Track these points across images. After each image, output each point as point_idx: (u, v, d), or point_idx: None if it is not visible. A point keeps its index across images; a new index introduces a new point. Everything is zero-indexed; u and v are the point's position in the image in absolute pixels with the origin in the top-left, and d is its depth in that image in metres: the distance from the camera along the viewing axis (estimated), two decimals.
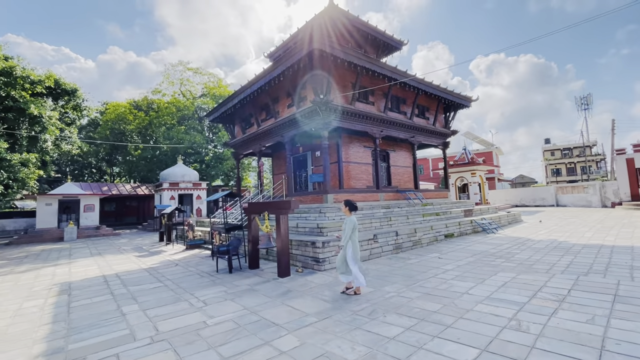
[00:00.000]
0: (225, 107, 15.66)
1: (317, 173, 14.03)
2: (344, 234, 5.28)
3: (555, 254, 7.82)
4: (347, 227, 5.29)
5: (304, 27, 14.72)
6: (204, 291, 6.04)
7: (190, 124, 30.19)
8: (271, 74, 12.00)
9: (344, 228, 5.32)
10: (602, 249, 8.06)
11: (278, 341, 3.64)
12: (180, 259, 10.05)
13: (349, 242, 5.26)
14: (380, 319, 4.14)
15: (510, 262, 7.16)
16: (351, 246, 5.26)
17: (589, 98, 66.86)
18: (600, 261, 6.78)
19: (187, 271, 8.08)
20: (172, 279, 7.23)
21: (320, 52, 10.03)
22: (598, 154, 63.83)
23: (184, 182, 25.82)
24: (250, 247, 7.92)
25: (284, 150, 16.10)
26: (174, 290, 6.26)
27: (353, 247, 5.25)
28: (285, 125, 12.88)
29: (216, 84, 32.34)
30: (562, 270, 6.19)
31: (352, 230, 5.27)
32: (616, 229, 11.60)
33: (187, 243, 12.45)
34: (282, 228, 6.82)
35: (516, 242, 9.94)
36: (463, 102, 16.74)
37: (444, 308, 4.42)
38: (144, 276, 7.76)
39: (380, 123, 13.22)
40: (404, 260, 7.92)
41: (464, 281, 5.77)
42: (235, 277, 7.06)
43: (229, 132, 17.71)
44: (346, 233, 5.25)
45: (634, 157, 20.67)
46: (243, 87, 13.76)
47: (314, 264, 7.25)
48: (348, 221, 5.32)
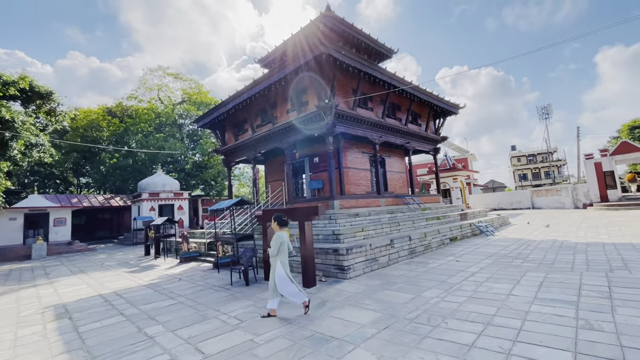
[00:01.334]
0: (216, 112, 15.10)
1: (315, 179, 13.79)
2: (272, 251, 4.83)
3: (565, 252, 8.07)
4: (274, 243, 4.82)
5: (298, 33, 14.59)
6: (229, 306, 5.56)
7: (169, 132, 28.89)
8: (271, 79, 11.71)
9: (272, 245, 4.86)
10: (606, 247, 8.44)
11: (351, 356, 3.34)
12: (180, 273, 9.34)
13: (278, 261, 4.80)
14: (443, 326, 3.96)
15: (529, 262, 7.28)
16: (281, 266, 4.78)
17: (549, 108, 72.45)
18: (613, 258, 7.06)
19: (196, 285, 7.48)
20: (185, 295, 6.64)
21: (328, 56, 9.93)
22: (559, 160, 68.52)
23: (164, 192, 24.53)
24: (266, 258, 7.48)
25: (279, 157, 15.79)
26: (194, 307, 5.72)
27: (283, 266, 4.80)
28: (284, 131, 12.58)
29: (197, 91, 31.33)
30: (585, 268, 6.36)
31: (280, 246, 4.84)
32: (603, 228, 12.30)
33: (182, 256, 11.67)
34: (307, 235, 6.50)
35: (519, 243, 10.22)
36: (451, 109, 17.30)
37: (501, 311, 4.32)
38: (148, 293, 7.08)
39: (379, 129, 13.28)
40: (423, 264, 7.84)
41: (498, 283, 5.74)
42: (255, 290, 6.60)
43: (219, 139, 17.05)
44: (272, 250, 4.81)
45: (601, 162, 22.31)
46: (239, 92, 13.35)
47: (337, 272, 6.96)
48: (276, 237, 4.86)
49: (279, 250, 4.84)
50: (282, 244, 4.87)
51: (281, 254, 4.86)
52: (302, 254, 6.55)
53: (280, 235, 4.91)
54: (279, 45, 15.81)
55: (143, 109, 28.52)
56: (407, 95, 14.10)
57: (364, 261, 7.31)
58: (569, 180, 62.48)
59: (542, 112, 74.76)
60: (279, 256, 4.83)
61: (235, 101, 13.69)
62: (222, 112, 14.74)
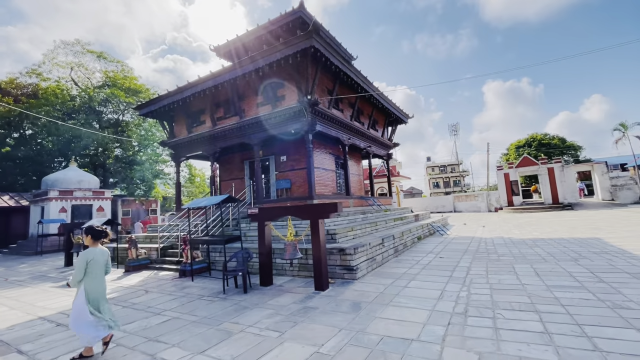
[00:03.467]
0: (167, 100, 13.26)
1: (283, 179, 13.18)
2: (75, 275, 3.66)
3: (522, 247, 9.29)
4: (78, 264, 3.68)
5: (267, 25, 13.90)
6: (247, 317, 4.79)
7: (85, 119, 24.24)
8: (245, 68, 10.80)
9: (75, 266, 3.76)
10: (548, 241, 10.01)
11: (448, 355, 3.15)
12: (139, 284, 7.77)
13: (82, 287, 3.67)
14: (500, 317, 4.07)
15: (504, 256, 8.15)
16: (83, 293, 3.64)
17: (457, 126, 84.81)
18: (565, 250, 8.38)
19: (176, 297, 6.29)
20: (172, 309, 5.50)
21: (314, 51, 9.60)
22: (465, 171, 79.81)
23: (80, 191, 20.43)
24: (263, 260, 6.74)
25: (237, 154, 14.68)
26: (200, 322, 4.76)
27: (88, 293, 3.65)
28: (254, 126, 11.72)
29: (123, 75, 27.05)
30: (553, 258, 7.38)
31: (88, 267, 3.69)
32: (528, 227, 14.63)
33: (129, 264, 9.78)
34: (320, 235, 6.06)
35: (476, 240, 11.41)
36: (403, 118, 18.59)
37: (535, 299, 4.66)
38: (116, 310, 5.66)
39: (349, 131, 13.44)
40: (412, 262, 8.08)
41: (500, 275, 6.24)
42: (261, 297, 5.86)
43: (166, 130, 14.97)
44: (76, 274, 3.65)
45: (509, 172, 26.71)
46: (202, 78, 11.97)
47: (344, 273, 6.66)
48: (83, 255, 3.71)
49: (87, 272, 3.68)
50: (90, 264, 3.70)
51: (89, 278, 3.69)
52: (314, 255, 6.07)
53: (89, 253, 3.75)
54: (241, 35, 14.80)
55: (52, 89, 23.28)
56: (373, 101, 14.62)
57: (366, 260, 7.17)
58: (472, 188, 72.97)
59: (452, 129, 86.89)
60: (84, 281, 3.68)
61: (196, 89, 12.24)
62: (175, 100, 13.01)
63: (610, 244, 8.69)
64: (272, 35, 14.30)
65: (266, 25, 14.05)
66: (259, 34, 14.42)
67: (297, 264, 7.31)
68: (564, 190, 23.90)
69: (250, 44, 14.79)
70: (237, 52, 15.37)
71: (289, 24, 13.72)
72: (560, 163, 24.31)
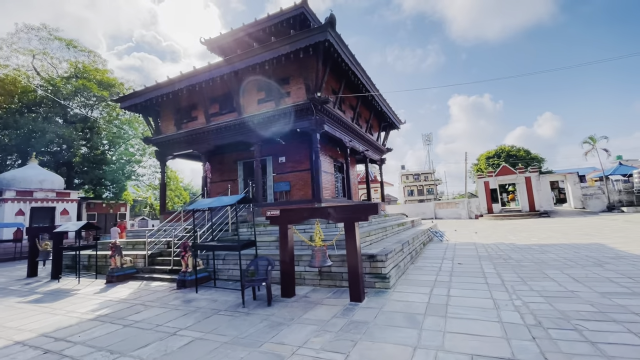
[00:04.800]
0: (154, 93, 12.11)
1: (281, 181, 12.44)
2: None
3: (533, 253, 9.26)
4: None
5: (265, 20, 13.24)
6: (289, 337, 4.07)
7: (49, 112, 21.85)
8: (248, 61, 10.06)
9: None
10: (555, 247, 10.10)
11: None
12: (131, 298, 6.69)
13: None
14: (586, 330, 3.71)
15: (524, 262, 8.00)
16: None
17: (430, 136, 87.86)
18: (586, 255, 8.40)
19: (184, 312, 5.38)
20: (189, 327, 4.63)
21: (327, 45, 9.11)
22: (438, 179, 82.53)
23: (42, 191, 18.24)
24: (285, 269, 6.01)
25: (229, 154, 13.76)
26: (234, 343, 3.97)
27: None
28: (254, 123, 10.92)
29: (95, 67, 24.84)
30: (575, 264, 7.31)
31: None
32: (520, 233, 14.94)
33: (113, 274, 8.54)
34: (356, 239, 5.47)
35: (481, 246, 11.33)
36: (396, 123, 18.57)
37: (601, 307, 4.38)
38: (118, 331, 4.68)
39: (351, 133, 13.03)
40: (433, 269, 7.70)
41: (536, 281, 5.99)
42: (289, 310, 5.13)
43: (150, 126, 13.67)
44: None
45: (488, 181, 27.66)
46: (196, 71, 11.03)
47: (375, 282, 6.10)
48: None
49: None
50: None
51: None
52: (349, 262, 5.46)
53: None
54: (236, 29, 14.03)
55: (10, 78, 20.71)
56: (374, 103, 14.36)
57: (394, 267, 6.67)
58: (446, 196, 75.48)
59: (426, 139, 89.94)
60: None
61: (189, 81, 11.27)
62: (164, 93, 11.91)
63: (617, 249, 8.87)
64: (269, 31, 13.61)
65: (264, 20, 13.39)
66: (255, 29, 13.69)
67: (319, 273, 6.65)
68: (540, 198, 25.09)
69: (245, 38, 14.01)
70: (230, 47, 14.53)
71: (289, 20, 13.13)
72: (537, 172, 25.58)
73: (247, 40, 14.07)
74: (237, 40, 14.24)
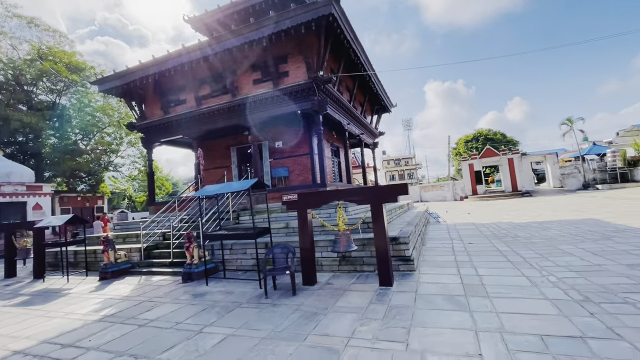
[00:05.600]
0: (136, 74, 11.12)
1: (279, 167, 11.96)
2: None
3: (536, 230, 9.43)
4: None
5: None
6: (332, 327, 3.78)
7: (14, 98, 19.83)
8: (243, 38, 9.36)
9: None
10: (555, 224, 10.35)
11: None
12: (134, 294, 6.16)
13: None
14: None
15: (534, 239, 8.09)
16: None
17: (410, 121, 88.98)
18: (588, 230, 8.61)
19: (203, 306, 4.95)
20: (213, 323, 4.23)
21: (330, 20, 8.56)
22: (418, 164, 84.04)
23: (10, 185, 16.72)
24: (306, 256, 5.67)
25: (220, 139, 13.06)
26: (273, 338, 3.63)
27: None
28: (250, 106, 10.28)
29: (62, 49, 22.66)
30: (590, 239, 7.45)
31: None
32: (513, 212, 15.33)
33: (107, 270, 7.89)
34: (384, 222, 5.20)
35: (481, 226, 11.48)
36: (389, 106, 18.33)
37: (637, 279, 4.38)
38: (132, 332, 4.22)
39: (349, 115, 12.64)
40: (445, 249, 7.64)
41: (556, 257, 6.01)
42: (319, 299, 4.82)
43: (134, 111, 12.62)
44: None
45: (473, 163, 28.28)
46: (184, 49, 10.18)
47: (399, 265, 5.90)
48: None
49: None
50: None
51: None
52: (377, 245, 5.20)
53: None
54: (224, 6, 13.09)
55: None
56: (370, 84, 13.98)
57: (414, 249, 6.50)
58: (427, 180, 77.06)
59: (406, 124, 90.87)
60: None
61: (176, 61, 10.41)
62: (148, 74, 10.96)
63: (615, 223, 9.19)
64: (260, 9, 12.78)
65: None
66: (245, 6, 12.83)
67: (338, 258, 6.37)
68: (522, 178, 25.99)
69: (234, 16, 13.11)
70: (217, 25, 13.57)
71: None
72: (519, 154, 26.41)
73: (236, 18, 13.18)
74: (225, 17, 13.30)
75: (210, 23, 13.67)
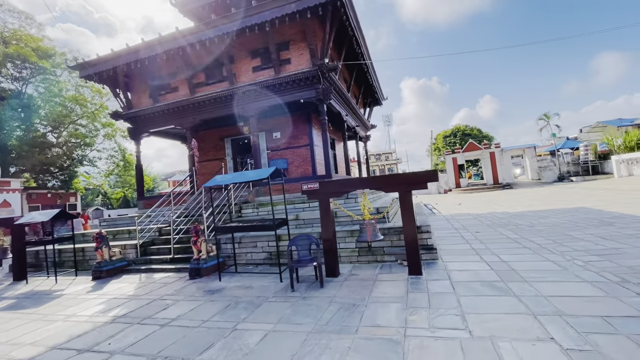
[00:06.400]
0: (122, 59, 10.34)
1: (278, 158, 11.61)
2: None
3: (534, 218, 9.71)
4: None
5: None
6: (379, 318, 3.60)
7: None
8: (243, 22, 8.89)
9: None
10: (550, 212, 10.72)
11: None
12: (140, 293, 5.69)
13: None
14: None
15: (536, 227, 8.30)
16: None
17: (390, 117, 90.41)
18: (584, 217, 8.95)
19: (226, 303, 4.62)
20: (245, 319, 3.94)
21: (341, 4, 8.29)
22: (398, 159, 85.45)
23: None
24: (328, 247, 5.45)
25: (213, 129, 12.50)
26: (320, 332, 3.40)
27: None
28: (250, 94, 9.85)
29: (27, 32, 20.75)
30: (593, 225, 7.72)
31: None
32: (503, 203, 15.81)
33: (102, 268, 7.29)
34: (412, 210, 5.08)
35: (475, 216, 11.71)
36: (380, 99, 18.30)
37: None
38: (158, 332, 3.85)
39: (347, 106, 12.44)
40: (455, 238, 7.68)
41: (569, 242, 6.16)
42: (349, 290, 4.63)
43: (119, 99, 11.73)
44: None
45: (456, 157, 29.01)
46: (175, 33, 9.55)
47: (422, 253, 5.80)
48: None
49: None
50: None
51: None
52: (405, 235, 5.07)
53: None
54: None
55: None
56: (368, 75, 13.83)
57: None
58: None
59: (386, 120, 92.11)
60: None
61: (169, 45, 9.77)
62: (135, 59, 10.21)
63: (607, 211, 9.65)
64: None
65: None
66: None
67: (357, 249, 6.21)
68: (502, 171, 26.99)
69: (226, 2, 12.47)
70: (207, 10, 12.87)
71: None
72: (500, 148, 27.38)
73: (228, 4, 12.55)
74: (215, 3, 12.63)
75: (198, 7, 12.95)
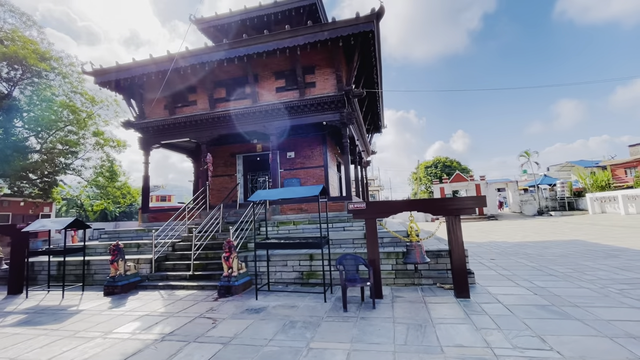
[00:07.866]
0: (141, 70, 10.27)
1: (291, 177, 11.64)
2: None
3: (537, 249, 10.18)
4: None
5: (271, 6, 12.36)
6: (456, 339, 3.65)
7: None
8: (274, 44, 9.18)
9: None
10: (549, 244, 11.27)
11: None
12: (173, 310, 5.37)
13: None
14: None
15: (546, 256, 8.71)
16: None
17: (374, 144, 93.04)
18: (586, 249, 9.48)
19: (281, 322, 4.48)
20: (314, 339, 3.84)
21: (372, 36, 8.81)
22: (380, 186, 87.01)
23: None
24: (375, 267, 5.47)
25: (224, 145, 12.43)
26: (400, 352, 3.39)
27: None
28: (272, 113, 10.00)
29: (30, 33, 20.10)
30: (600, 257, 8.20)
31: None
32: (499, 232, 16.43)
33: (116, 284, 6.83)
34: (459, 234, 5.26)
35: (478, 245, 12.11)
36: (381, 126, 18.99)
37: None
38: (229, 353, 3.65)
39: (359, 131, 12.84)
40: (473, 263, 7.91)
41: (588, 272, 6.53)
42: (405, 312, 4.64)
43: (133, 108, 11.48)
44: None
45: (444, 187, 30.11)
46: (202, 49, 9.70)
47: None
48: None
49: None
50: None
51: None
52: (453, 258, 5.22)
53: None
54: (236, 12, 12.90)
55: None
56: (377, 102, 14.42)
57: None
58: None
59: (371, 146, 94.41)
60: None
61: (194, 60, 9.85)
62: (154, 71, 10.18)
63: (603, 244, 10.29)
64: (275, 19, 12.77)
65: (270, 5, 12.51)
66: (258, 14, 12.70)
67: (393, 271, 6.25)
68: (487, 203, 28.19)
69: (246, 23, 12.89)
70: (226, 29, 13.23)
71: (299, 9, 12.48)
72: (485, 180, 28.76)
73: (247, 25, 12.96)
74: (235, 23, 13.01)
75: (217, 26, 13.28)
